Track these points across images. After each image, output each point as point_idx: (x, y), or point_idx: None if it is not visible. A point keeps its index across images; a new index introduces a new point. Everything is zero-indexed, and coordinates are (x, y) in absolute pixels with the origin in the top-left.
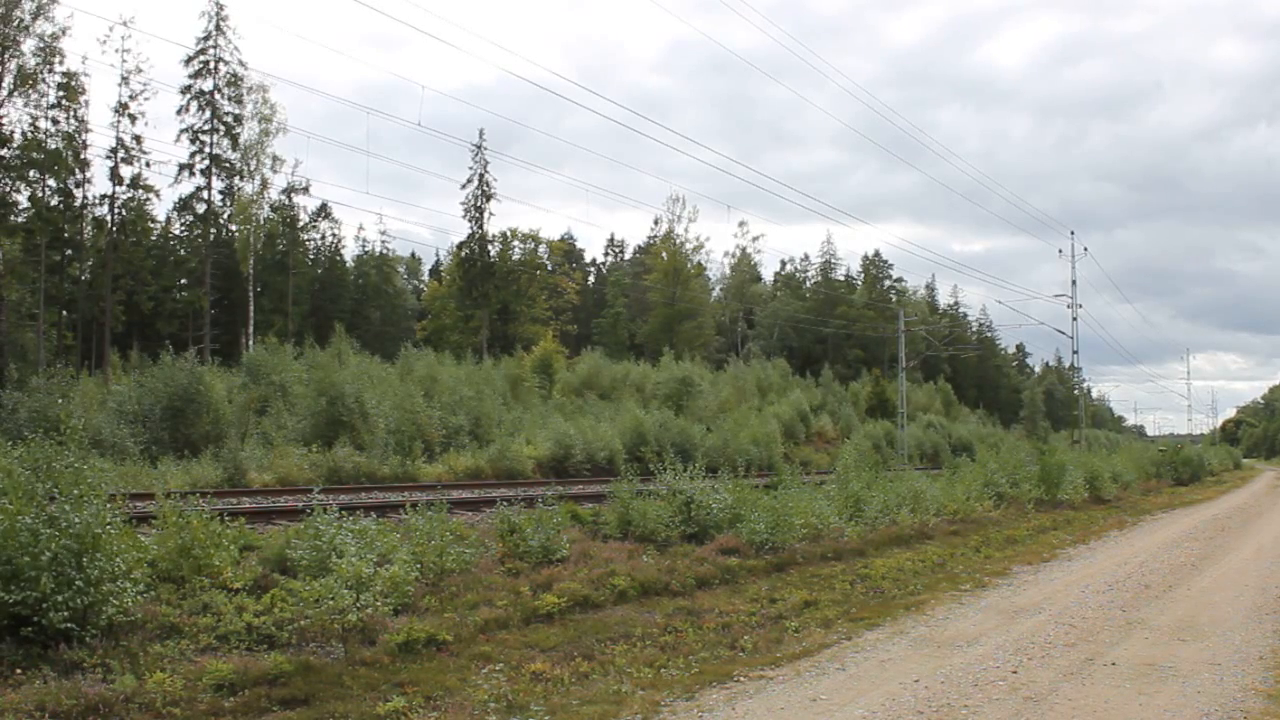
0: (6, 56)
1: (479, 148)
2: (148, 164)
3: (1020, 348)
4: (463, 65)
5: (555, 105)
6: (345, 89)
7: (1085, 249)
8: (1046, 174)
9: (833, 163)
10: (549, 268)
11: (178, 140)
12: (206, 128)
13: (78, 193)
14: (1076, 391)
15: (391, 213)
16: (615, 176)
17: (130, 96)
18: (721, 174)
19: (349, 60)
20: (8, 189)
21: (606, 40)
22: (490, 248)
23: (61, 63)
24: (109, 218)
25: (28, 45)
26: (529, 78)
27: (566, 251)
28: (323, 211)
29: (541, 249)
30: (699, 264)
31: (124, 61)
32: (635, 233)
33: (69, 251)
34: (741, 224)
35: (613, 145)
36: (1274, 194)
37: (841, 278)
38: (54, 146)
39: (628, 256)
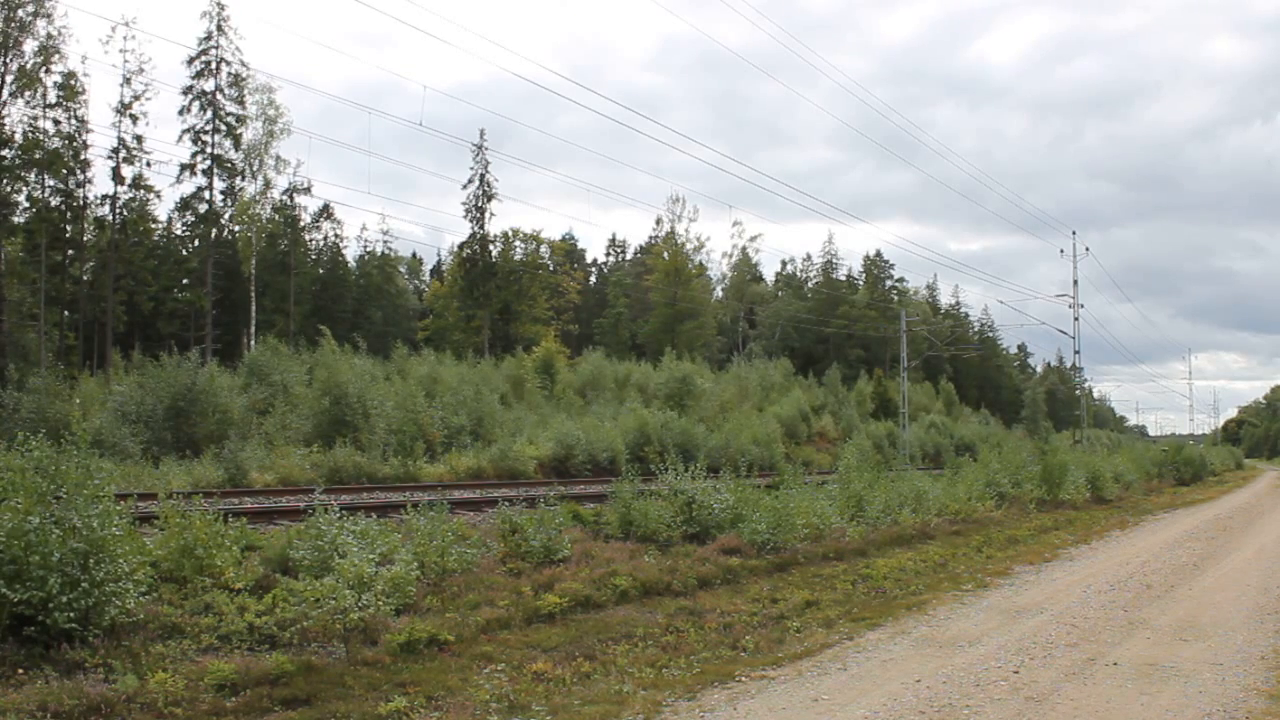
0: (10, 58)
1: (480, 148)
2: (149, 164)
3: (1022, 348)
4: (455, 63)
5: (548, 103)
6: (336, 87)
7: (1087, 249)
8: (1042, 172)
9: (828, 161)
10: (550, 268)
11: (179, 140)
12: (208, 128)
13: (79, 193)
14: (1078, 391)
15: (386, 211)
16: (610, 175)
17: (133, 97)
18: (718, 172)
19: (340, 57)
20: (8, 189)
21: (598, 38)
22: (491, 248)
23: (60, 62)
24: (110, 218)
25: (28, 46)
26: (521, 75)
27: (568, 252)
28: (325, 212)
29: (543, 249)
30: (700, 264)
31: (125, 62)
32: (632, 231)
33: (70, 251)
34: (737, 224)
35: (607, 143)
36: (1272, 192)
37: (843, 278)
38: (54, 146)
39: (629, 257)
